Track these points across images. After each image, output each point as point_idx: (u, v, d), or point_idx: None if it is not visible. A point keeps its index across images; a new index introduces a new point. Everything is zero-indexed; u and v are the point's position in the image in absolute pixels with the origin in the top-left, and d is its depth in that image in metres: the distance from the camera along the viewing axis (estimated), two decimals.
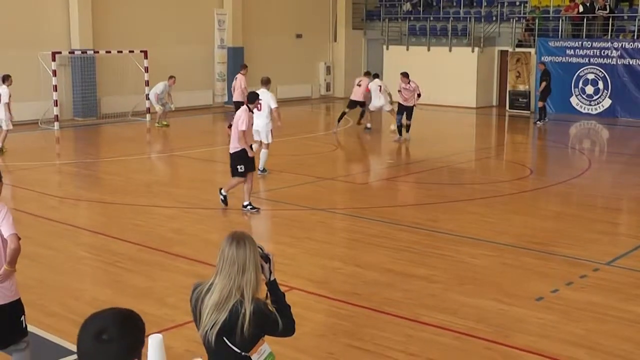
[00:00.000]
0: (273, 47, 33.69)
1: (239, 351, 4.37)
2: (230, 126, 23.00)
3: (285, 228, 12.89)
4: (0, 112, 20.07)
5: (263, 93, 16.72)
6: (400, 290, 9.60)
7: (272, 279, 4.58)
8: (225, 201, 13.95)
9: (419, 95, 22.87)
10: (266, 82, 17.62)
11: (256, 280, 4.38)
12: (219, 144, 22.56)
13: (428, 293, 9.54)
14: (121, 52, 26.94)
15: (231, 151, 13.69)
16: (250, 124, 13.65)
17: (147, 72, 27.02)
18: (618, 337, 8.21)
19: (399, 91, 22.86)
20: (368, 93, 24.39)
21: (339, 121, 24.59)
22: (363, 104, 25.05)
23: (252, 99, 13.81)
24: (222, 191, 13.99)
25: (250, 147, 13.82)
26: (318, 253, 11.48)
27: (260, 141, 17.12)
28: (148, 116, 26.99)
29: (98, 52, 26.72)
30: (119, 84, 27.37)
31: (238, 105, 22.86)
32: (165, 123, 25.66)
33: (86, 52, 26.61)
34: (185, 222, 13.21)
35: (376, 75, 25.24)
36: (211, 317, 4.33)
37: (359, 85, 24.65)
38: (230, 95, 29.99)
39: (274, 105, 17.06)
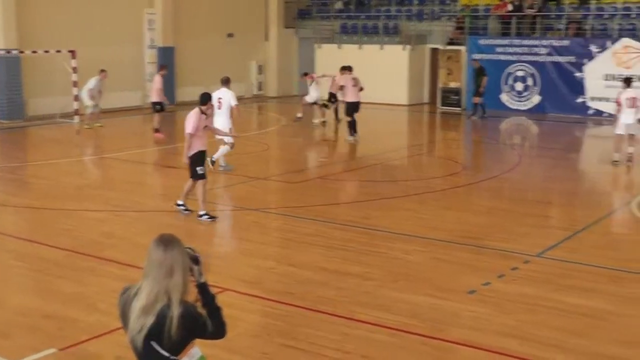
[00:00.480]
0: (204, 46, 33.45)
1: (167, 355, 4.30)
2: (157, 130, 22.97)
3: (219, 229, 12.80)
4: None
5: (224, 92, 17.09)
6: (335, 289, 9.59)
7: (202, 281, 4.50)
8: (186, 209, 13.34)
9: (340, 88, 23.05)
10: (226, 82, 17.63)
11: (184, 283, 4.31)
12: (149, 145, 22.32)
13: (362, 290, 9.55)
14: (48, 52, 26.39)
15: (189, 154, 13.10)
16: (198, 126, 13.01)
17: (76, 72, 26.51)
18: (549, 327, 8.34)
19: (354, 86, 22.63)
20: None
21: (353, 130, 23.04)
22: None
23: (204, 100, 13.26)
24: (179, 201, 13.40)
25: (202, 152, 13.19)
26: (252, 253, 11.42)
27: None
28: (77, 118, 26.51)
29: (23, 52, 26.16)
30: (46, 85, 26.82)
31: (154, 106, 22.95)
32: (99, 124, 25.31)
33: (10, 52, 26.03)
34: (116, 225, 13.01)
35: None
36: (138, 321, 4.25)
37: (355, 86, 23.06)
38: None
39: (234, 102, 17.11)
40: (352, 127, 22.43)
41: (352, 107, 22.53)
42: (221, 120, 16.86)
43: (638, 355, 7.67)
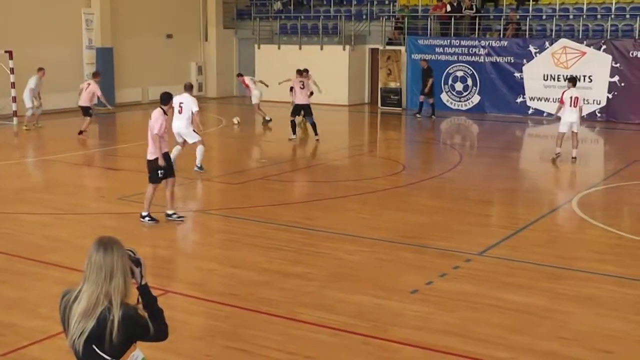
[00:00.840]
0: (143, 47, 33.19)
1: (109, 358, 4.27)
2: (81, 132, 22.80)
3: (161, 230, 12.71)
4: None
5: (185, 97, 17.04)
6: (277, 289, 9.61)
7: (143, 283, 4.47)
8: (153, 219, 12.95)
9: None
10: (189, 88, 17.53)
11: (124, 286, 4.28)
12: (89, 147, 22.10)
13: (305, 291, 9.58)
14: None
15: (150, 157, 12.87)
16: (165, 127, 12.89)
17: (13, 73, 26.10)
18: (490, 324, 8.46)
19: (301, 88, 22.94)
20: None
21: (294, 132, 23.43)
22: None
23: (166, 100, 13.04)
24: (143, 212, 12.99)
25: (166, 154, 13.03)
26: (194, 255, 11.40)
27: (184, 142, 17.28)
28: (15, 119, 26.12)
29: None
30: None
31: (84, 110, 22.99)
32: (39, 125, 24.99)
33: None
34: (57, 228, 12.84)
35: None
36: (79, 325, 4.22)
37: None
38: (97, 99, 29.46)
39: (195, 108, 17.08)
40: (293, 127, 22.85)
41: (297, 109, 22.92)
42: (181, 125, 17.08)
43: (577, 351, 7.83)
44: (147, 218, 12.90)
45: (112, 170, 18.66)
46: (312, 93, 23.57)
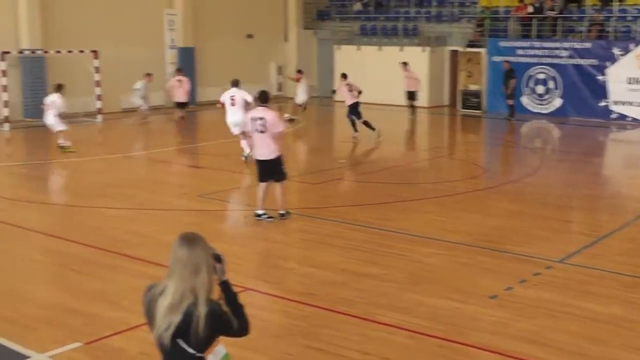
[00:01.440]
0: (224, 47, 33.63)
1: (193, 352, 4.37)
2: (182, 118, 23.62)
3: (240, 228, 12.88)
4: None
5: (234, 91, 18.41)
6: (355, 290, 9.65)
7: (224, 278, 4.56)
8: (269, 216, 13.24)
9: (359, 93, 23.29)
10: (235, 83, 18.72)
11: (209, 281, 4.38)
12: (171, 144, 22.47)
13: (382, 292, 9.60)
14: (71, 52, 26.67)
15: (271, 157, 13.03)
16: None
17: (98, 72, 26.78)
18: (570, 333, 8.35)
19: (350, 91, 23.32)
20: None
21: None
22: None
23: (266, 98, 13.17)
24: (259, 211, 13.21)
25: None
26: (272, 253, 11.51)
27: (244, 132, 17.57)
28: (99, 117, 26.77)
29: (48, 52, 26.45)
30: (69, 85, 26.98)
31: (182, 105, 23.94)
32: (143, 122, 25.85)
33: (35, 52, 26.31)
34: (139, 223, 13.12)
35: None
36: (165, 319, 4.32)
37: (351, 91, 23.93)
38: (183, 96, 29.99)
39: (250, 99, 17.91)
40: (354, 125, 23.25)
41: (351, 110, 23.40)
42: (238, 115, 18.02)
43: None
44: (265, 216, 13.19)
45: (194, 168, 18.95)
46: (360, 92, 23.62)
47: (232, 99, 18.39)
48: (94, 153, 20.66)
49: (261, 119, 12.81)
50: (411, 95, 28.58)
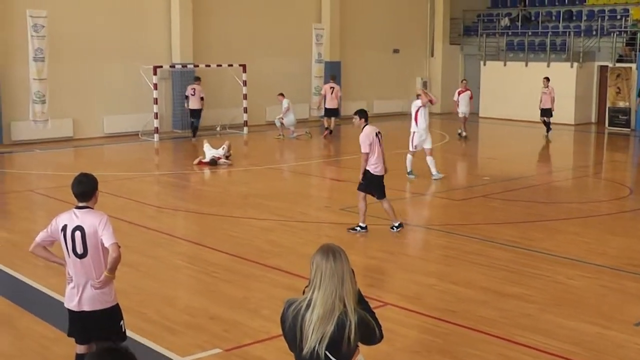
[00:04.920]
0: (370, 61, 33.79)
1: None
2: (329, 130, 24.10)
3: (380, 242, 12.83)
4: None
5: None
6: (495, 309, 9.45)
7: (357, 287, 4.59)
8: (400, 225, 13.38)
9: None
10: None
11: (354, 290, 4.44)
12: (314, 157, 22.69)
13: (523, 313, 9.36)
14: (220, 65, 27.38)
15: (381, 172, 13.16)
16: None
17: (245, 85, 27.38)
18: None
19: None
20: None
21: None
22: None
23: (365, 115, 13.26)
24: (395, 223, 13.31)
25: None
26: (413, 269, 11.41)
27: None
28: (245, 129, 27.34)
29: (198, 65, 27.23)
30: (217, 97, 27.79)
31: (333, 111, 24.55)
32: (278, 136, 26.39)
33: (186, 66, 27.15)
34: (280, 234, 13.29)
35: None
36: (318, 331, 4.34)
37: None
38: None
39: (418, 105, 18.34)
40: None
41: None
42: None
43: None
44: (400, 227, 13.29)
45: (336, 181, 19.06)
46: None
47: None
48: (239, 164, 21.08)
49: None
50: (546, 113, 27.69)
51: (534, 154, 24.29)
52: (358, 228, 13.22)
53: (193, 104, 26.01)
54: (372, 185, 13.11)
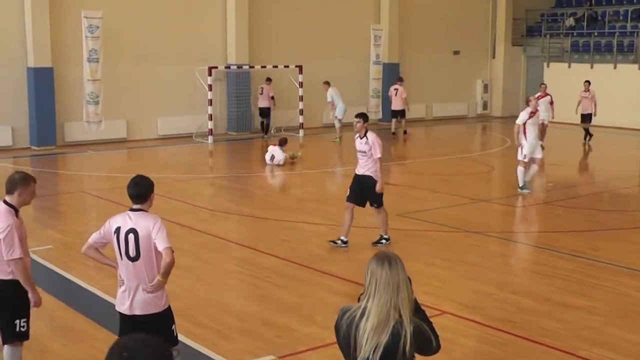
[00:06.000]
0: (429, 63, 33.58)
1: None
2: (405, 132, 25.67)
3: (438, 250, 12.76)
4: None
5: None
6: (557, 321, 9.33)
7: (414, 297, 4.57)
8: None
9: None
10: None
11: (410, 299, 4.42)
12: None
13: (586, 325, 9.23)
14: (276, 67, 27.50)
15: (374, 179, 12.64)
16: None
17: (302, 87, 27.48)
18: None
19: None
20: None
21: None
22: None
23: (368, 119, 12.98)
24: (385, 235, 12.83)
25: None
26: (472, 277, 11.31)
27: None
28: (301, 132, 27.43)
29: (253, 67, 27.39)
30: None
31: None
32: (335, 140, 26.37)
33: (242, 67, 27.32)
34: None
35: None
36: (372, 341, 4.34)
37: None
38: (384, 112, 30.34)
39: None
40: None
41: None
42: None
43: None
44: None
45: (393, 185, 18.99)
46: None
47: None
48: (293, 168, 21.14)
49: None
50: (586, 118, 26.71)
51: (598, 159, 23.95)
52: (339, 242, 12.67)
53: (262, 102, 26.87)
54: (374, 193, 12.57)
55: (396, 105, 27.67)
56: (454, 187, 18.06)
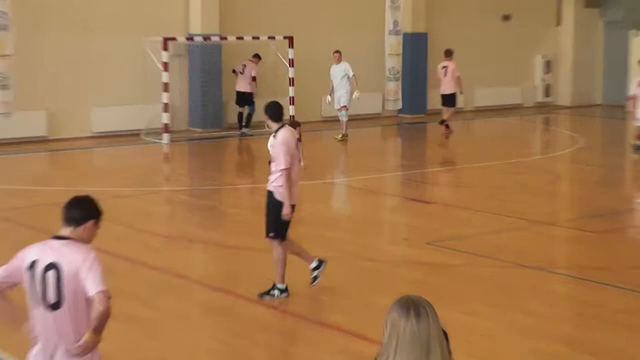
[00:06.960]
0: (468, 33, 33.38)
1: None
2: (442, 122, 24.82)
3: (482, 291, 12.71)
4: None
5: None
6: None
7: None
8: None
9: None
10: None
11: None
12: (388, 170, 22.63)
13: None
14: (257, 38, 27.36)
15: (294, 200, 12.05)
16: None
17: (292, 66, 27.29)
18: None
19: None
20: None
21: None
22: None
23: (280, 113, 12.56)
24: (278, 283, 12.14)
25: None
26: (530, 330, 11.25)
27: None
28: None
29: (226, 38, 27.24)
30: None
31: (449, 98, 25.33)
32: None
33: (210, 39, 27.16)
34: (342, 278, 13.11)
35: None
36: None
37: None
38: (405, 102, 30.27)
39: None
40: None
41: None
42: None
43: None
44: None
45: (419, 203, 18.94)
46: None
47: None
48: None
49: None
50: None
51: None
52: (276, 292, 12.03)
53: (241, 84, 26.79)
54: (274, 216, 11.98)
55: (446, 88, 27.62)
56: (504, 204, 18.01)
